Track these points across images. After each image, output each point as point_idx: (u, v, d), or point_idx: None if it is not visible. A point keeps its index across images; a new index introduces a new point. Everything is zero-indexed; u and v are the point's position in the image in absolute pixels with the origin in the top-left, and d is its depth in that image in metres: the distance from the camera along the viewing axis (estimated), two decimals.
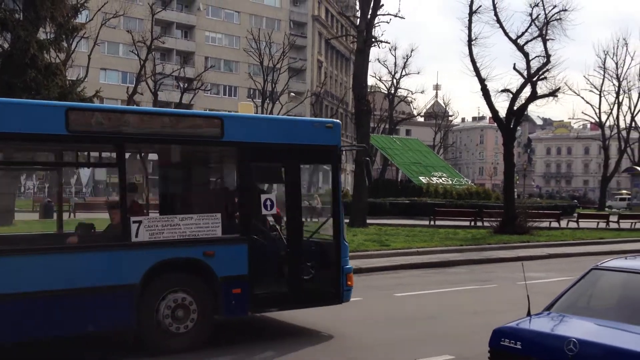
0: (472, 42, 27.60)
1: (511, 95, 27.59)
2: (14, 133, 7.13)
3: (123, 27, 51.64)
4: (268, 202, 8.91)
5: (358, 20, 28.71)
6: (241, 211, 8.66)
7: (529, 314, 5.61)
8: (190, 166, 9.87)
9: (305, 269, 9.17)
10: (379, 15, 28.67)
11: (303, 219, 9.28)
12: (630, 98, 64.31)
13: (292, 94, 61.63)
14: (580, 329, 5.14)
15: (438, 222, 29.38)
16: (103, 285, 7.47)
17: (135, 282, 7.63)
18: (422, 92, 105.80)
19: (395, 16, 30.80)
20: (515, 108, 27.57)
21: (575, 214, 35.14)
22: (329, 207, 9.59)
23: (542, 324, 5.37)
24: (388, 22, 34.86)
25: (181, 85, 46.59)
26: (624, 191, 45.01)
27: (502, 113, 28.28)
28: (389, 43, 63.87)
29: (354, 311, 10.51)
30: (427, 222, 29.42)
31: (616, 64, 61.85)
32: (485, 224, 28.30)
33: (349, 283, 9.27)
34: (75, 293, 7.27)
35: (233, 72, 70.95)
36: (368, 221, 26.75)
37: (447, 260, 18.08)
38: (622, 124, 62.90)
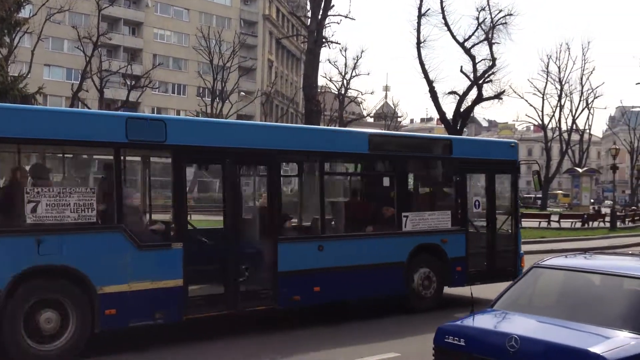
0: (421, 45, 28.03)
1: (458, 97, 28.14)
2: (337, 152, 10.67)
3: (68, 22, 50.35)
4: (477, 203, 12.24)
5: (309, 20, 28.70)
6: (461, 210, 11.67)
7: (472, 312, 5.71)
8: (433, 176, 12.62)
9: (499, 253, 12.26)
10: (330, 15, 28.72)
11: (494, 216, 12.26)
12: (571, 101, 66.26)
13: (242, 93, 61.27)
14: (521, 325, 5.25)
15: None
16: (386, 262, 10.50)
17: (403, 260, 10.71)
18: (372, 93, 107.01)
19: (346, 17, 30.89)
20: (461, 110, 28.10)
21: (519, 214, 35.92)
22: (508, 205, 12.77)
23: (484, 321, 5.47)
24: (338, 23, 35.15)
25: (128, 83, 45.68)
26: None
27: (450, 114, 28.77)
28: (340, 44, 63.98)
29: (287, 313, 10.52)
30: None
31: (559, 68, 63.73)
32: None
33: (522, 265, 12.07)
34: (370, 267, 10.23)
35: (182, 70, 70.12)
36: None
37: None
38: (563, 127, 64.77)
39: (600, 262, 6.36)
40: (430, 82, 27.84)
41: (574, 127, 65.13)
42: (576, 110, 64.49)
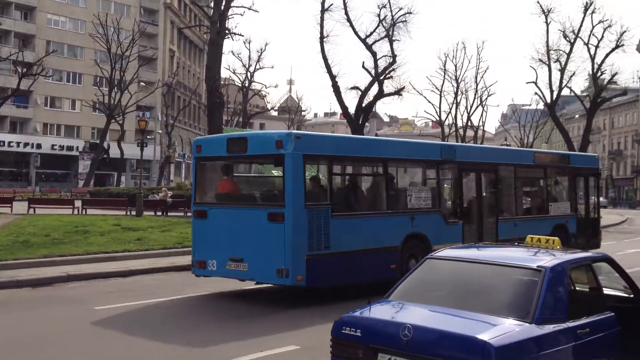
0: (324, 39, 28.26)
1: (360, 93, 28.62)
2: (516, 164, 16.45)
3: None
4: (580, 197, 18.32)
5: (211, 10, 28.30)
6: (574, 201, 17.80)
7: (369, 303, 5.79)
8: (561, 179, 18.43)
9: (592, 230, 18.43)
10: (233, 7, 28.52)
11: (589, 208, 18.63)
12: (467, 99, 68.96)
13: (142, 83, 59.62)
14: (414, 315, 5.35)
15: None
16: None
17: (546, 234, 12.37)
18: (276, 86, 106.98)
19: (249, 9, 30.76)
20: (363, 105, 28.59)
21: None
22: (577, 202, 18.23)
23: (380, 312, 5.56)
24: (242, 15, 34.85)
25: (19, 70, 43.43)
26: None
27: (352, 109, 29.19)
28: (243, 36, 63.70)
29: (200, 306, 10.36)
30: None
31: (455, 66, 66.06)
32: None
33: (600, 238, 18.82)
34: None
35: (78, 58, 67.32)
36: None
37: None
38: (459, 123, 67.28)
39: (490, 252, 6.61)
40: (333, 77, 28.14)
41: (469, 123, 67.79)
42: (471, 107, 67.18)
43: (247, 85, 63.10)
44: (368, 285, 11.15)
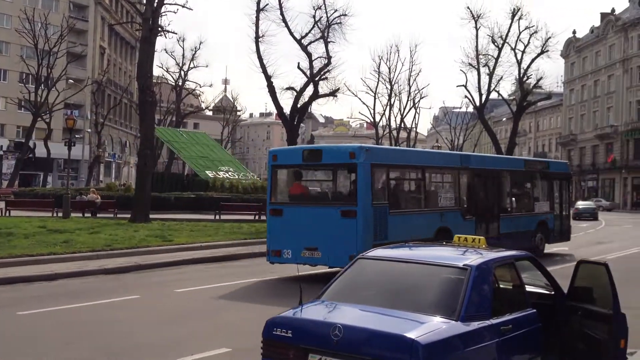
0: (260, 39, 28.13)
1: (295, 93, 28.62)
2: (513, 169, 20.05)
3: None
4: (556, 200, 21.24)
5: (144, 7, 27.74)
6: (551, 201, 20.86)
7: (300, 303, 5.79)
8: (543, 182, 21.19)
9: (564, 226, 21.71)
10: (166, 4, 28.04)
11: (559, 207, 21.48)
12: (400, 101, 69.98)
13: (71, 80, 57.91)
14: (345, 315, 5.39)
15: (224, 217, 29.48)
16: (526, 230, 19.02)
17: (532, 229, 19.30)
18: (211, 85, 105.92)
19: (183, 7, 30.31)
20: (299, 106, 28.62)
21: None
22: (554, 202, 21.29)
23: (311, 312, 5.57)
24: (175, 12, 34.34)
25: None
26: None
27: (287, 110, 29.17)
28: (176, 34, 62.32)
29: (128, 311, 10.22)
30: (212, 217, 29.39)
31: (389, 68, 66.94)
32: None
33: (566, 231, 21.71)
34: (519, 233, 18.49)
35: (3, 54, 64.76)
36: (152, 216, 26.04)
37: (231, 254, 18.23)
38: (393, 124, 68.22)
39: (420, 252, 6.73)
40: (268, 77, 28.04)
41: (402, 125, 68.84)
42: (404, 109, 68.22)
43: (180, 84, 62.19)
44: None
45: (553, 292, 6.65)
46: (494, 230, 17.80)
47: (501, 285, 6.16)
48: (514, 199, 19.82)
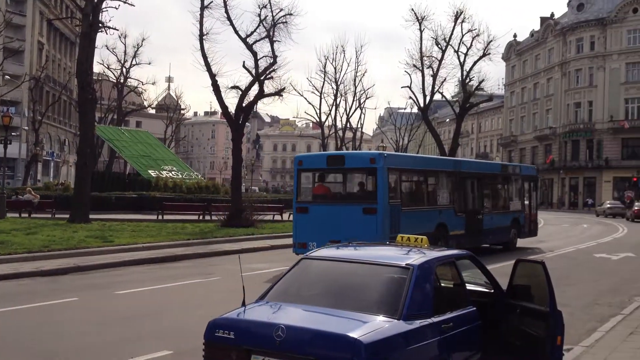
0: (204, 37, 27.73)
1: (240, 92, 28.31)
2: (489, 173, 23.23)
3: None
4: (525, 200, 23.86)
5: (84, 2, 27.01)
6: (523, 200, 23.54)
7: (243, 304, 5.73)
8: (516, 184, 23.82)
9: (533, 223, 24.53)
10: None
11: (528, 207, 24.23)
12: (346, 101, 70.22)
13: (7, 76, 56.03)
14: (288, 315, 5.37)
15: (167, 217, 29.06)
16: (503, 225, 22.02)
17: (508, 225, 22.38)
18: (154, 83, 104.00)
19: (125, 2, 29.75)
20: (244, 105, 28.36)
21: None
22: (525, 201, 24.09)
23: (254, 313, 5.53)
24: (117, 8, 33.45)
25: None
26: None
27: (232, 109, 28.93)
28: (118, 30, 61.06)
29: (66, 314, 9.94)
30: (155, 217, 28.92)
31: (335, 68, 67.12)
32: (214, 217, 28.74)
33: (534, 227, 24.53)
34: (497, 228, 21.52)
35: None
36: (92, 216, 25.43)
37: (174, 255, 17.99)
38: (339, 124, 68.47)
39: (363, 252, 6.75)
40: (213, 76, 27.69)
41: (348, 125, 69.17)
42: (350, 109, 68.54)
43: (122, 81, 60.92)
44: None
45: (493, 290, 6.77)
46: (478, 225, 20.41)
47: (442, 284, 6.24)
48: (494, 198, 22.67)
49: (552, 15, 79.62)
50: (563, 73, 73.66)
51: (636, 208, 47.96)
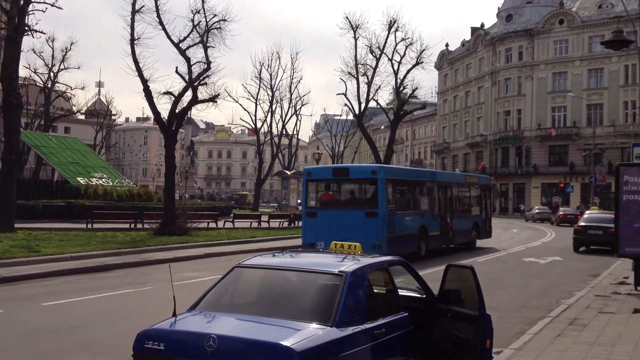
0: (135, 42, 27.22)
1: (173, 98, 27.89)
2: (453, 181, 26.15)
3: None
4: (483, 206, 27.52)
5: (9, 5, 26.07)
6: (481, 206, 27.20)
7: (174, 315, 5.61)
8: (475, 192, 27.12)
9: (488, 226, 27.89)
10: (34, 2, 26.54)
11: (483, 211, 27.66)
12: (282, 107, 70.24)
13: None
14: (221, 325, 5.28)
15: (97, 225, 28.25)
16: (465, 228, 25.31)
17: (470, 228, 25.77)
18: (83, 88, 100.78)
19: (52, 5, 28.80)
20: (177, 111, 27.95)
21: (232, 215, 37.09)
22: (483, 206, 27.69)
23: (185, 324, 5.41)
24: (44, 11, 32.45)
25: None
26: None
27: (166, 115, 28.45)
28: (45, 33, 59.11)
29: None
30: (84, 226, 28.08)
31: (270, 75, 67.08)
32: (146, 225, 28.16)
33: (489, 229, 28.03)
34: (462, 230, 24.75)
35: None
36: (18, 225, 24.47)
37: (104, 265, 17.48)
38: (275, 131, 68.38)
39: (297, 260, 6.71)
40: (144, 81, 27.17)
41: (284, 131, 69.17)
42: (285, 115, 68.57)
43: (50, 86, 59.05)
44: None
45: (425, 296, 6.85)
46: (449, 227, 23.57)
47: (375, 290, 6.26)
48: (459, 204, 25.72)
49: (482, 25, 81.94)
50: (493, 82, 75.84)
51: (561, 213, 49.96)
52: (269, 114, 66.82)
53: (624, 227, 13.62)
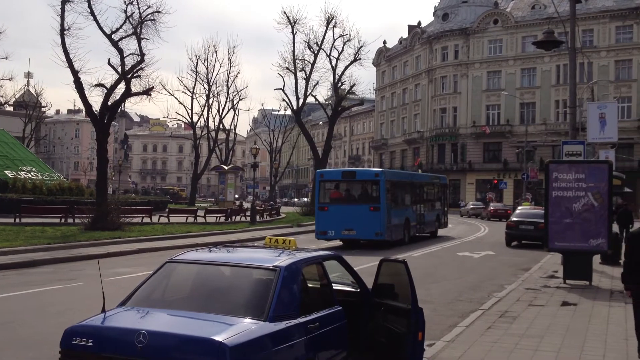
0: (65, 32, 26.40)
1: (105, 90, 27.21)
2: (421, 181, 30.98)
3: None
4: (443, 201, 32.82)
5: None
6: (440, 201, 32.07)
7: (103, 310, 5.49)
8: (437, 190, 32.14)
9: (444, 218, 32.67)
10: None
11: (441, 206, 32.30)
12: (219, 102, 69.77)
13: None
14: (151, 321, 5.20)
15: (25, 220, 27.24)
16: (433, 220, 30.12)
17: (434, 220, 30.37)
18: (11, 79, 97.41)
19: None
20: (109, 104, 27.29)
21: (167, 209, 36.49)
22: (442, 201, 32.85)
23: (115, 319, 5.29)
24: None
25: None
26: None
27: (98, 108, 27.73)
28: None
29: None
30: (12, 220, 27.06)
31: (207, 68, 66.36)
32: (77, 220, 27.40)
33: (446, 221, 33.37)
34: (429, 221, 29.35)
35: None
36: None
37: (32, 260, 16.90)
38: (211, 125, 67.67)
39: (231, 254, 6.63)
40: (75, 73, 26.38)
41: (221, 126, 68.52)
42: (223, 110, 67.96)
43: None
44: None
45: (359, 290, 6.88)
46: (422, 218, 28.06)
47: (310, 285, 6.26)
48: (428, 200, 29.89)
49: (419, 24, 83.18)
50: (430, 80, 77.15)
51: (492, 208, 51.42)
52: (206, 107, 66.19)
53: (554, 223, 14.07)
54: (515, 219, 26.56)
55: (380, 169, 26.42)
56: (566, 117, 63.57)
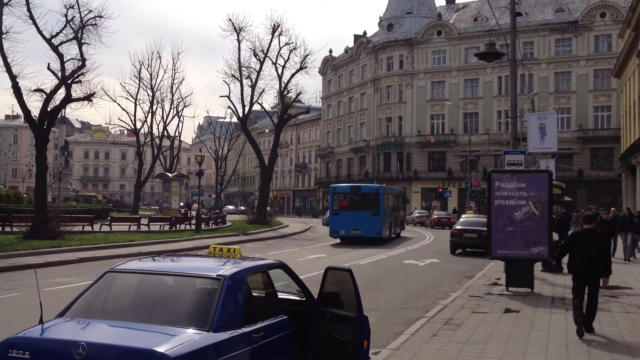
0: (3, 36, 25.67)
1: (45, 96, 26.52)
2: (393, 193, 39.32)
3: None
4: (402, 209, 42.69)
5: None
6: (401, 209, 40.75)
7: (41, 322, 5.34)
8: (400, 200, 41.28)
9: (402, 223, 41.19)
10: None
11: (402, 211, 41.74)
12: (163, 108, 68.81)
13: None
14: (91, 332, 5.08)
15: None
16: (397, 223, 37.48)
17: (400, 223, 39.14)
18: None
19: None
20: (49, 109, 26.59)
21: (109, 218, 35.71)
22: (404, 209, 44.22)
23: (53, 331, 5.14)
24: None
25: None
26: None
27: (37, 113, 27.02)
28: None
29: None
30: None
31: (150, 75, 65.47)
32: (15, 229, 26.55)
33: (404, 225, 42.51)
34: (394, 223, 36.03)
35: None
36: None
37: None
38: (155, 132, 66.68)
39: (173, 264, 6.52)
40: (13, 77, 25.62)
41: (165, 133, 67.59)
42: (167, 116, 67.11)
43: None
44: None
45: (305, 298, 6.85)
46: (397, 221, 36.29)
47: (254, 294, 6.19)
48: (395, 208, 36.72)
49: (365, 33, 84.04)
50: (375, 89, 77.94)
51: (435, 216, 52.41)
52: (150, 114, 65.24)
53: (496, 231, 14.32)
54: (459, 227, 27.00)
55: (379, 185, 37.49)
56: (508, 127, 65.25)
